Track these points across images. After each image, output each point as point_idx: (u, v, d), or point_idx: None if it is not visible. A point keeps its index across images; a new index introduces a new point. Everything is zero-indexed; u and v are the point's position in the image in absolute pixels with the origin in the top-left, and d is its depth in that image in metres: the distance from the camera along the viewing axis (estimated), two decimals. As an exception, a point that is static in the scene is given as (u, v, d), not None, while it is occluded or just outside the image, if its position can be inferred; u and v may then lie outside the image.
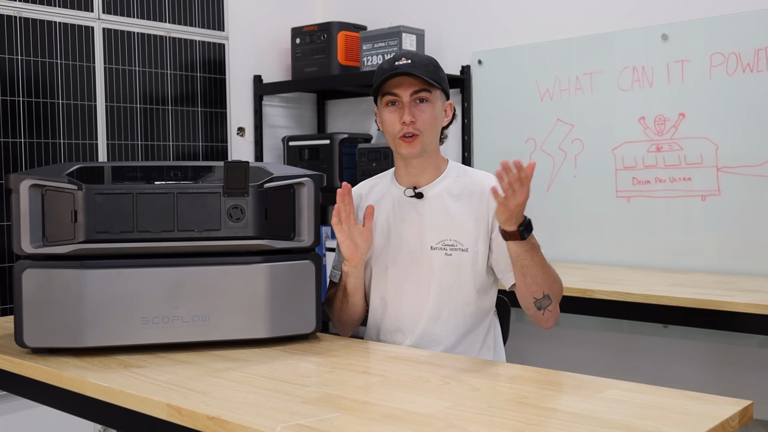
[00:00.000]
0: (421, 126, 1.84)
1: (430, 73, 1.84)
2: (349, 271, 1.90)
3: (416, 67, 1.83)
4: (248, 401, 1.39)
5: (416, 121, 1.83)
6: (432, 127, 1.86)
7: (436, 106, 1.86)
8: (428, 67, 1.85)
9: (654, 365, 3.14)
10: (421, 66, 1.83)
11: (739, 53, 2.87)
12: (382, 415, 1.30)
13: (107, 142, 3.27)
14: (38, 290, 1.69)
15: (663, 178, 3.05)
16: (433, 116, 1.85)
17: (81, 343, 1.71)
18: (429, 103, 1.85)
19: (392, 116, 1.85)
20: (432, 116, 1.85)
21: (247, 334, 1.79)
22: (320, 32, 3.72)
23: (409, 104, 1.84)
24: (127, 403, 1.47)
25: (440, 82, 1.86)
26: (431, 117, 1.85)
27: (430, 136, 1.86)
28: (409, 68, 1.82)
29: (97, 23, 3.24)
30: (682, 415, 1.29)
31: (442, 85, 1.87)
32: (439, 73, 1.88)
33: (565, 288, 2.61)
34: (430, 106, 1.85)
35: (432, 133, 1.87)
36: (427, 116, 1.84)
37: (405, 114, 1.83)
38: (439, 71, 1.88)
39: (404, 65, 1.83)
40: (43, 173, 1.72)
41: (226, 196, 1.75)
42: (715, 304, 2.35)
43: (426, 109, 1.84)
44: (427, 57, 1.89)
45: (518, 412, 1.31)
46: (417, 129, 1.83)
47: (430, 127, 1.85)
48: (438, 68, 1.88)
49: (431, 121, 1.85)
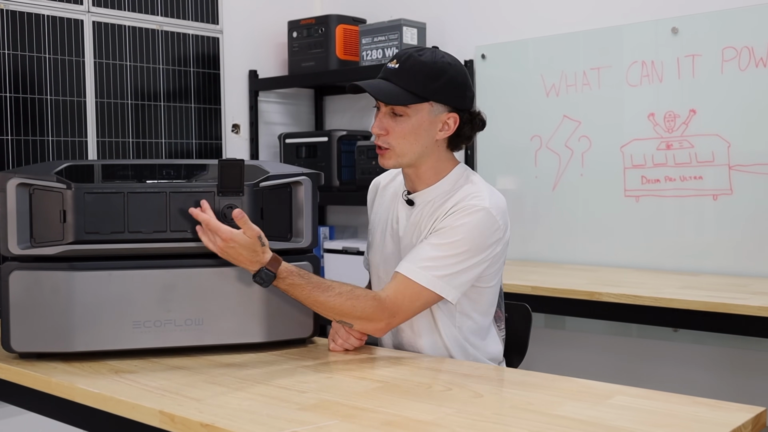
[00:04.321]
0: (393, 141, 1.78)
1: (416, 84, 1.74)
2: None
3: (400, 75, 1.75)
4: (243, 408, 1.39)
5: (389, 134, 1.79)
6: (409, 142, 1.77)
7: (416, 121, 1.77)
8: (416, 77, 1.74)
9: (664, 370, 3.14)
10: (408, 75, 1.75)
11: (752, 47, 2.87)
12: (382, 422, 1.30)
13: (97, 139, 3.27)
14: (26, 293, 1.69)
15: (673, 177, 3.06)
16: (408, 131, 1.77)
17: (70, 348, 1.71)
18: (405, 117, 1.77)
19: (374, 121, 1.83)
20: (407, 131, 1.77)
21: (242, 338, 1.79)
22: (318, 26, 3.72)
23: (384, 115, 1.79)
24: (118, 409, 1.47)
25: (429, 94, 1.75)
26: (405, 132, 1.77)
27: (405, 150, 1.78)
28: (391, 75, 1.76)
29: (87, 16, 3.24)
30: (692, 422, 1.29)
31: (435, 97, 1.76)
32: (433, 84, 1.75)
33: (572, 290, 2.65)
34: (406, 121, 1.77)
35: (410, 148, 1.78)
36: (400, 131, 1.77)
37: (374, 125, 1.80)
38: (433, 81, 1.75)
39: (390, 70, 1.77)
40: (30, 172, 1.72)
41: (220, 195, 1.75)
42: (727, 308, 2.35)
43: (401, 123, 1.77)
44: (428, 62, 1.76)
45: (523, 419, 1.31)
46: (386, 142, 1.79)
47: (404, 143, 1.78)
48: (435, 78, 1.76)
49: (405, 136, 1.77)
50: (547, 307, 2.72)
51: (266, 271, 1.67)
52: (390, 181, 2.02)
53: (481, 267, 1.78)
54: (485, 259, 1.78)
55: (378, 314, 1.73)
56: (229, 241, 1.65)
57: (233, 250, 1.66)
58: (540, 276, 2.95)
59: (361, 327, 1.76)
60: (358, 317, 1.73)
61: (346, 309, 1.72)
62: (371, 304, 1.73)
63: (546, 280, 2.83)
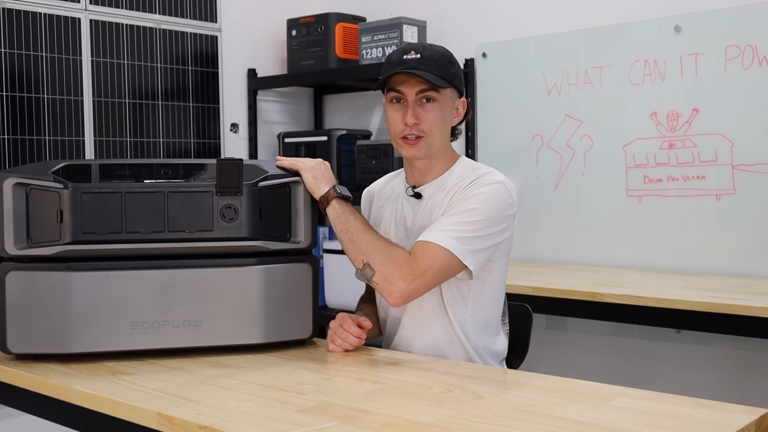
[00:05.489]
0: (426, 128, 1.81)
1: (441, 70, 1.80)
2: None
3: (425, 63, 1.79)
4: (242, 410, 1.39)
5: (421, 122, 1.81)
6: (439, 128, 1.82)
7: (444, 106, 1.83)
8: (439, 63, 1.80)
9: (666, 372, 3.14)
10: (431, 62, 1.80)
11: (755, 45, 2.87)
12: (382, 424, 1.31)
13: (94, 138, 3.27)
14: (22, 294, 1.69)
15: (676, 177, 3.06)
16: (440, 117, 1.82)
17: (67, 349, 1.71)
18: (436, 103, 1.81)
19: (396, 114, 1.83)
20: (439, 117, 1.82)
21: (241, 339, 1.79)
22: (317, 24, 3.72)
23: (414, 104, 1.81)
24: (116, 411, 1.47)
25: (452, 79, 1.82)
26: (438, 118, 1.82)
27: (436, 137, 1.83)
28: (417, 64, 1.78)
29: (84, 14, 3.24)
30: (695, 424, 1.29)
31: (454, 82, 1.83)
32: (452, 70, 1.83)
33: (574, 291, 2.65)
34: (437, 107, 1.81)
35: (439, 135, 1.83)
36: (433, 117, 1.81)
37: (408, 115, 1.81)
38: (451, 67, 1.83)
39: (413, 60, 1.79)
40: (27, 171, 1.72)
41: (218, 195, 1.75)
42: (730, 308, 2.35)
43: (432, 110, 1.81)
44: (440, 50, 1.84)
45: (524, 421, 1.31)
46: (421, 131, 1.81)
47: (436, 129, 1.82)
48: (451, 63, 1.84)
49: (438, 122, 1.82)
50: (549, 307, 2.72)
51: (337, 187, 1.82)
52: (384, 186, 2.02)
53: (496, 239, 1.80)
54: (501, 231, 1.80)
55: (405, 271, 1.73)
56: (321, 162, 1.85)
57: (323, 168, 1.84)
58: (541, 276, 2.95)
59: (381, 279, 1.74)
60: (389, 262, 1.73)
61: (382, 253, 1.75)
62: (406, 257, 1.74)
63: (547, 280, 2.83)
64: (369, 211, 2.04)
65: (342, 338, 1.81)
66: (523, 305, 2.11)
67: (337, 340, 1.82)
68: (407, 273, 1.72)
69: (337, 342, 1.81)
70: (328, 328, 1.86)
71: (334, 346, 1.82)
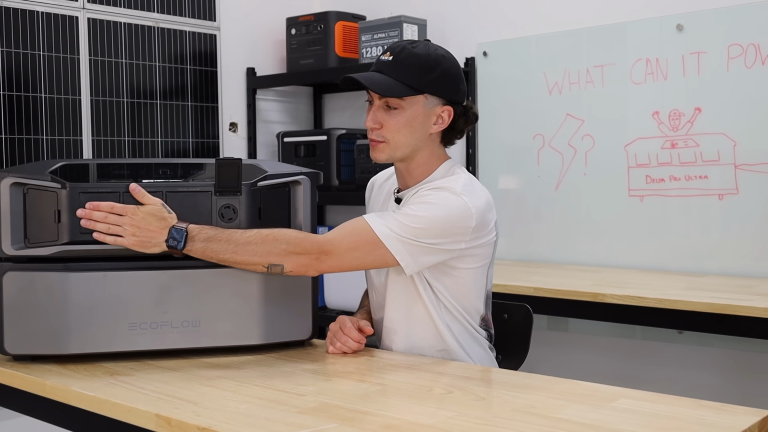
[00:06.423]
0: (388, 134, 1.78)
1: (410, 77, 1.74)
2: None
3: (395, 67, 1.76)
4: (241, 411, 1.39)
5: (383, 127, 1.78)
6: (403, 135, 1.77)
7: (411, 114, 1.77)
8: (410, 69, 1.75)
9: (668, 373, 3.15)
10: (402, 67, 1.75)
11: (758, 44, 2.87)
12: (382, 425, 1.31)
13: (92, 138, 3.27)
14: (20, 294, 1.69)
15: (678, 176, 3.06)
16: (403, 124, 1.77)
17: (65, 350, 1.71)
18: (400, 110, 1.76)
19: (366, 116, 1.83)
20: (402, 124, 1.77)
21: (240, 340, 1.79)
22: (317, 22, 3.72)
23: (378, 108, 1.79)
24: (114, 413, 1.47)
25: (423, 87, 1.76)
26: (399, 125, 1.77)
27: (399, 144, 1.78)
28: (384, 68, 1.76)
29: (82, 13, 3.24)
30: (697, 425, 1.29)
31: (427, 90, 1.76)
32: (426, 77, 1.76)
33: (575, 291, 2.65)
34: (400, 113, 1.76)
35: (404, 141, 1.78)
36: (394, 124, 1.77)
37: (368, 119, 1.80)
38: (427, 74, 1.76)
39: (383, 62, 1.77)
40: (24, 171, 1.72)
41: (217, 195, 1.75)
42: (732, 309, 2.35)
43: (395, 116, 1.77)
44: (422, 55, 1.76)
45: (526, 423, 1.31)
46: (381, 136, 1.79)
47: (399, 136, 1.78)
48: (428, 70, 1.76)
49: (400, 129, 1.77)
50: (550, 308, 2.72)
51: (176, 228, 1.67)
52: (386, 180, 2.02)
53: (441, 254, 1.75)
54: (446, 243, 1.73)
55: (305, 244, 1.70)
56: (134, 213, 1.67)
57: (143, 222, 1.67)
58: (542, 277, 2.95)
59: (291, 264, 1.70)
60: (284, 251, 1.69)
61: (269, 247, 1.68)
62: (295, 234, 1.71)
63: (548, 281, 2.83)
64: (368, 201, 2.05)
65: (342, 342, 1.81)
66: (524, 306, 2.11)
67: (336, 343, 1.81)
68: (316, 248, 1.70)
69: (337, 345, 1.81)
70: (328, 330, 1.86)
71: (334, 348, 1.81)
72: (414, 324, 1.85)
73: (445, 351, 1.84)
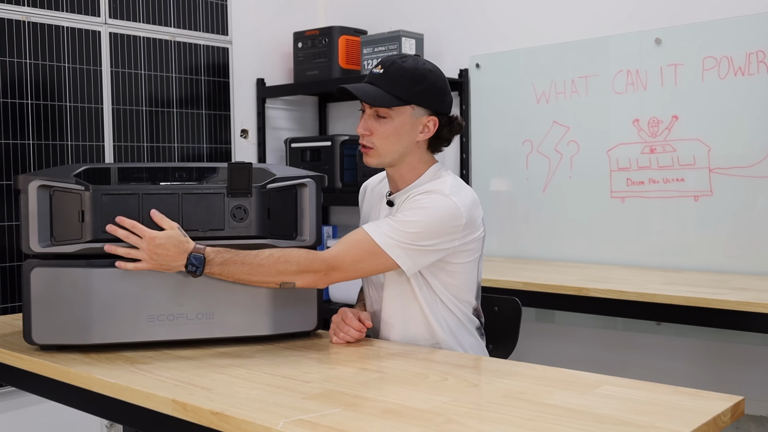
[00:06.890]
0: (376, 141, 1.79)
1: (399, 89, 1.76)
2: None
3: (385, 80, 1.77)
4: (251, 397, 1.39)
5: (372, 134, 1.80)
6: (391, 142, 1.78)
7: (399, 122, 1.78)
8: (399, 82, 1.76)
9: (647, 362, 3.14)
10: (391, 80, 1.76)
11: (731, 57, 2.87)
12: (382, 410, 1.30)
13: (113, 143, 3.27)
14: (46, 288, 1.69)
15: (656, 179, 3.05)
16: (391, 132, 1.78)
17: (88, 340, 1.71)
18: (388, 119, 1.78)
19: (359, 123, 1.84)
20: (390, 132, 1.78)
21: (250, 331, 1.79)
22: (322, 36, 3.72)
23: (369, 116, 1.80)
24: (133, 398, 1.47)
25: (410, 98, 1.77)
26: (388, 133, 1.78)
27: (388, 150, 1.79)
28: (374, 80, 1.78)
29: (104, 28, 3.24)
30: (675, 410, 1.29)
31: (415, 101, 1.77)
32: (414, 89, 1.77)
33: (561, 286, 2.65)
34: (388, 122, 1.78)
35: (392, 148, 1.79)
36: (382, 131, 1.78)
37: (359, 126, 1.82)
38: (415, 86, 1.77)
39: (374, 75, 1.79)
40: (50, 174, 1.72)
41: (229, 196, 1.75)
42: (707, 302, 2.35)
43: (384, 125, 1.78)
44: (410, 69, 1.77)
45: (515, 408, 1.31)
46: (371, 142, 1.80)
47: (387, 143, 1.79)
48: (416, 83, 1.77)
49: (388, 137, 1.78)
50: (538, 301, 2.72)
51: (195, 255, 1.67)
52: (378, 184, 2.01)
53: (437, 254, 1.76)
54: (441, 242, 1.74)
55: (314, 264, 1.71)
56: (154, 239, 1.65)
57: (161, 248, 1.66)
58: (531, 272, 2.95)
59: (301, 282, 1.72)
60: (295, 271, 1.70)
61: (281, 267, 1.69)
62: (304, 254, 1.71)
63: (537, 276, 2.83)
64: (362, 204, 2.05)
65: (344, 332, 1.81)
66: (513, 299, 2.11)
67: (339, 333, 1.81)
68: (324, 265, 1.72)
69: (340, 335, 1.81)
70: (331, 321, 1.86)
71: (337, 339, 1.81)
72: (409, 319, 1.85)
73: (437, 344, 1.84)
